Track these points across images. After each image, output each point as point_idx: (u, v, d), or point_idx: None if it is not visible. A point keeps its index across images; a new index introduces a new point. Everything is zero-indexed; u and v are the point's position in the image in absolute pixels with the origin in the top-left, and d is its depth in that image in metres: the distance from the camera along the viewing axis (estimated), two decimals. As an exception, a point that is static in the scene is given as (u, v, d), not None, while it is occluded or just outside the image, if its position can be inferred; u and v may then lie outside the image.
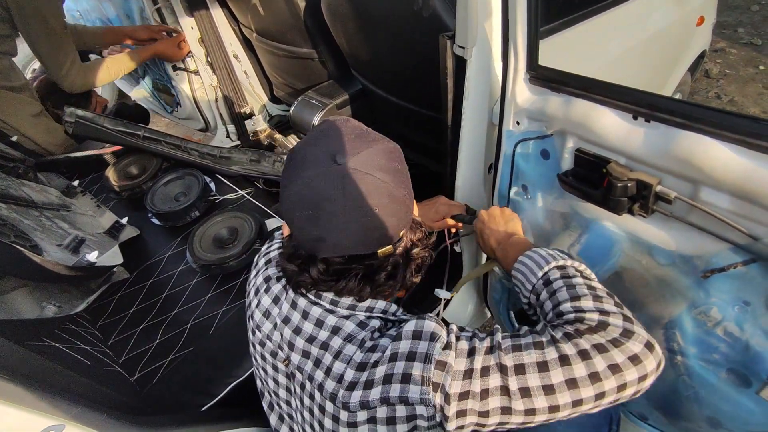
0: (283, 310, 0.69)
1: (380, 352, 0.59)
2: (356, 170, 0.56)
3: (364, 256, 0.60)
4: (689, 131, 0.61)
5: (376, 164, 0.58)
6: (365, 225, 0.57)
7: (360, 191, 0.56)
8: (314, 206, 0.57)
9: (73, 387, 0.74)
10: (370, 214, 0.57)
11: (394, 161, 0.61)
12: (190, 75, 2.12)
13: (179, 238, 1.40)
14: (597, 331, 0.55)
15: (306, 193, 0.57)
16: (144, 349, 1.16)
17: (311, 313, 0.66)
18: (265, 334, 0.72)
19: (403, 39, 1.23)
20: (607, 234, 0.80)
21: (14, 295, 0.95)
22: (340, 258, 0.60)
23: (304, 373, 0.66)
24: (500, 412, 0.54)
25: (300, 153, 0.60)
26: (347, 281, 0.61)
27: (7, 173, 1.31)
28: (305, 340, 0.65)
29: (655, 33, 1.49)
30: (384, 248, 0.60)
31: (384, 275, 0.63)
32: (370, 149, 0.59)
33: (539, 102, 0.80)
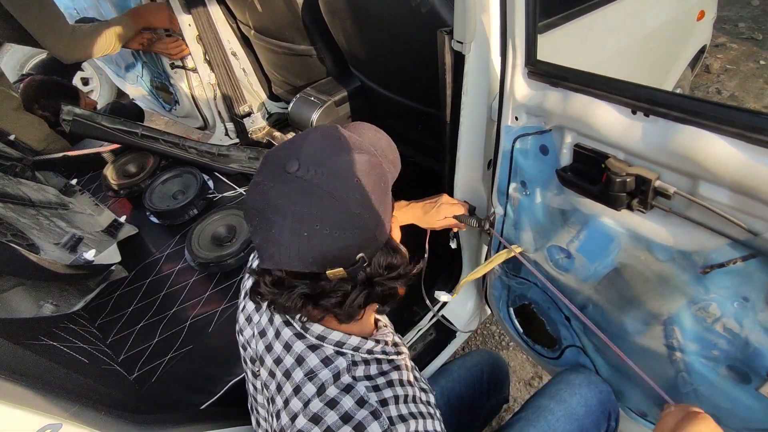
0: (262, 322, 0.69)
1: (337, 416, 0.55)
2: (306, 181, 0.51)
3: (307, 274, 0.54)
4: (688, 125, 0.60)
5: (339, 176, 0.53)
6: (302, 242, 0.52)
7: (304, 204, 0.51)
8: (258, 213, 0.53)
9: (70, 385, 0.74)
10: (310, 230, 0.51)
11: (369, 176, 0.55)
12: (188, 73, 2.11)
13: (177, 237, 1.40)
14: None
15: (253, 199, 0.54)
16: (143, 348, 1.16)
17: (282, 335, 0.64)
18: (246, 339, 0.72)
19: (402, 35, 1.22)
20: (606, 230, 0.80)
21: (11, 294, 0.95)
22: (280, 272, 0.55)
23: (269, 390, 0.65)
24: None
25: (265, 158, 0.57)
26: (293, 299, 0.56)
27: (5, 172, 1.31)
28: (273, 360, 0.64)
29: (655, 28, 1.48)
30: (334, 270, 0.54)
31: (335, 300, 0.57)
32: (336, 159, 0.54)
33: (538, 97, 0.80)
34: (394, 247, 0.60)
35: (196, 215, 1.44)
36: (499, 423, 1.21)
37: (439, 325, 1.37)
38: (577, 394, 0.89)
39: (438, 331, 1.38)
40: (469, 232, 1.22)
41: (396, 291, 0.61)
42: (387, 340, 0.70)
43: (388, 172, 0.61)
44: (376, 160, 0.58)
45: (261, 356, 0.66)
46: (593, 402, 0.89)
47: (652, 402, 0.93)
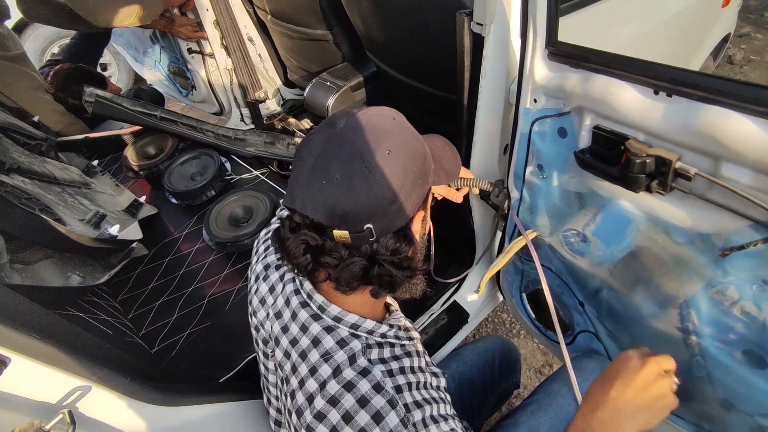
0: (278, 304, 0.69)
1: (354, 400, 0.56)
2: (343, 136, 0.55)
3: (315, 225, 0.56)
4: (713, 105, 0.60)
5: (375, 144, 0.55)
6: (318, 188, 0.54)
7: (332, 154, 0.54)
8: (298, 157, 0.57)
9: (98, 352, 0.77)
10: (328, 179, 0.53)
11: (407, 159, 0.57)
12: (205, 58, 2.13)
13: (195, 217, 1.43)
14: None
15: (300, 146, 0.58)
16: (162, 324, 1.20)
17: (299, 316, 0.65)
18: (260, 321, 0.73)
19: (419, 18, 1.21)
20: (623, 213, 0.80)
21: (40, 266, 0.99)
22: (299, 217, 0.57)
23: (284, 371, 0.65)
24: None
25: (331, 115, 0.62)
26: (293, 244, 0.58)
27: (31, 151, 1.35)
28: (289, 341, 0.65)
29: (678, 12, 1.45)
30: (339, 232, 0.55)
31: (330, 260, 0.58)
32: (382, 130, 0.56)
33: (557, 79, 0.79)
34: (409, 236, 0.60)
35: (213, 196, 1.47)
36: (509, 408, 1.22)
37: (451, 310, 1.39)
38: (589, 379, 0.88)
39: (450, 316, 1.39)
40: (484, 215, 1.23)
41: (395, 279, 0.61)
42: (399, 325, 0.71)
43: (431, 170, 0.63)
44: (423, 150, 0.60)
45: (276, 337, 0.67)
46: None
47: (664, 387, 0.94)
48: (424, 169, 0.61)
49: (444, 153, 0.72)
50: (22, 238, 1.00)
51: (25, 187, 1.12)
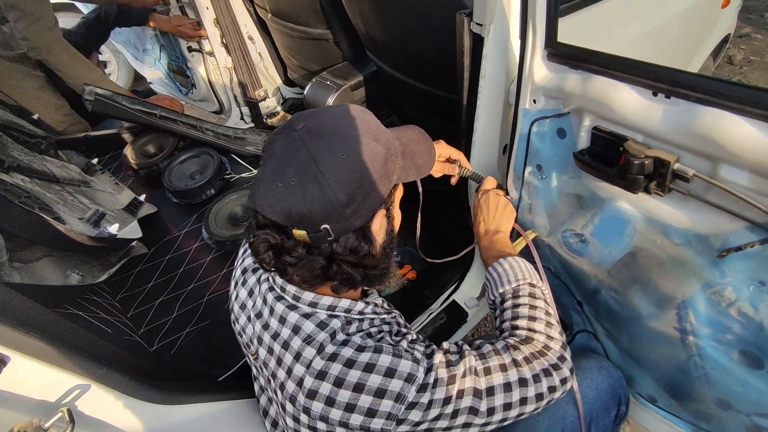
0: (257, 305, 0.70)
1: (342, 365, 0.59)
2: (299, 139, 0.56)
3: (277, 225, 0.58)
4: (711, 107, 0.60)
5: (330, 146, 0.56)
6: (275, 189, 0.56)
7: (288, 156, 0.56)
8: (263, 158, 0.59)
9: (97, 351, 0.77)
10: (283, 181, 0.56)
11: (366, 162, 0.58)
12: (205, 56, 2.13)
13: (195, 216, 1.44)
14: (543, 355, 0.68)
15: (264, 147, 0.60)
16: (162, 322, 1.20)
17: (276, 310, 0.66)
18: (241, 327, 0.74)
19: (419, 18, 1.22)
20: (622, 213, 0.80)
21: (40, 264, 0.99)
22: (261, 218, 0.59)
23: (269, 369, 0.67)
24: (461, 427, 0.62)
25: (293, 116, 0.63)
26: (257, 241, 0.60)
27: (30, 149, 1.35)
28: (271, 336, 0.66)
29: (677, 14, 1.45)
30: (298, 231, 0.57)
31: (290, 259, 0.60)
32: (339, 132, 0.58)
33: (557, 79, 0.80)
34: (368, 235, 0.62)
35: (213, 195, 1.47)
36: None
37: (449, 310, 1.39)
38: (587, 378, 0.89)
39: (449, 315, 1.39)
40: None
41: (354, 277, 0.63)
42: (377, 302, 0.72)
43: (396, 169, 0.64)
44: (384, 151, 0.60)
45: (259, 336, 0.68)
46: (604, 387, 0.88)
47: (663, 387, 0.94)
48: (386, 170, 0.61)
49: (418, 147, 0.72)
50: (22, 237, 1.00)
51: (24, 186, 1.12)
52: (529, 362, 0.67)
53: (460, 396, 0.61)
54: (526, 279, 0.77)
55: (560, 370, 0.68)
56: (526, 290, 0.77)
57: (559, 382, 0.67)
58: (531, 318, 0.73)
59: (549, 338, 0.71)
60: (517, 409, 0.64)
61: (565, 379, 0.68)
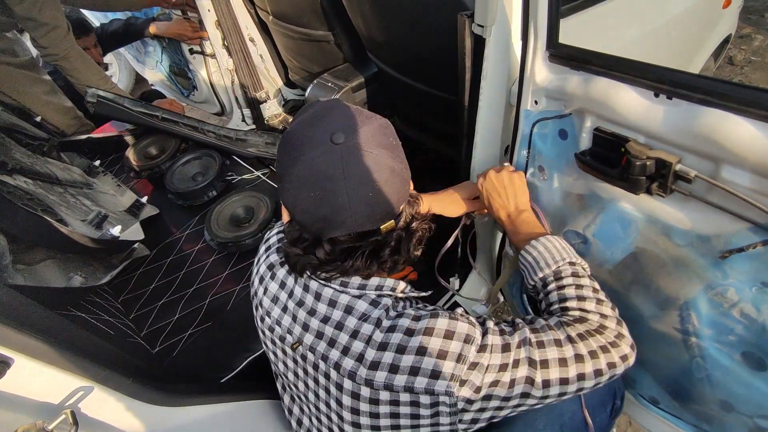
0: (296, 293, 0.70)
1: (402, 334, 0.61)
2: (355, 148, 0.58)
3: (369, 232, 0.61)
4: (713, 108, 0.60)
5: (374, 141, 0.59)
6: (370, 201, 0.58)
7: (362, 168, 0.58)
8: (319, 187, 0.57)
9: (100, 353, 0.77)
10: (373, 190, 0.58)
11: (389, 136, 0.62)
12: (206, 58, 2.14)
13: (197, 217, 1.44)
14: (600, 333, 0.66)
15: (309, 174, 0.57)
16: (164, 324, 1.20)
17: (323, 294, 0.67)
18: (275, 320, 0.73)
19: (421, 19, 1.22)
20: (624, 214, 0.80)
21: (42, 266, 0.99)
22: (346, 236, 0.61)
23: (317, 353, 0.67)
24: (519, 397, 0.62)
25: (297, 135, 0.60)
26: (354, 260, 0.62)
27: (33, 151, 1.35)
28: (320, 320, 0.67)
29: (678, 14, 1.45)
30: (386, 223, 0.61)
31: (389, 250, 0.64)
32: (365, 127, 0.60)
33: (558, 80, 0.80)
34: (416, 195, 0.68)
35: (215, 196, 1.47)
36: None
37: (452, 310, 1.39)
38: None
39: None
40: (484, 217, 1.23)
41: (427, 232, 0.69)
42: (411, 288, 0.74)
43: None
44: (385, 121, 0.64)
45: (304, 323, 0.69)
46: None
47: (665, 389, 0.94)
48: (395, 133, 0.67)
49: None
50: (25, 239, 1.00)
51: (27, 188, 1.12)
52: (584, 339, 0.65)
53: (516, 365, 0.61)
54: (565, 258, 0.74)
55: (618, 347, 0.66)
56: (567, 270, 0.73)
57: (619, 359, 0.65)
58: (580, 298, 0.70)
59: (603, 317, 0.68)
60: (575, 384, 0.62)
61: (625, 356, 0.66)
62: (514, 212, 0.86)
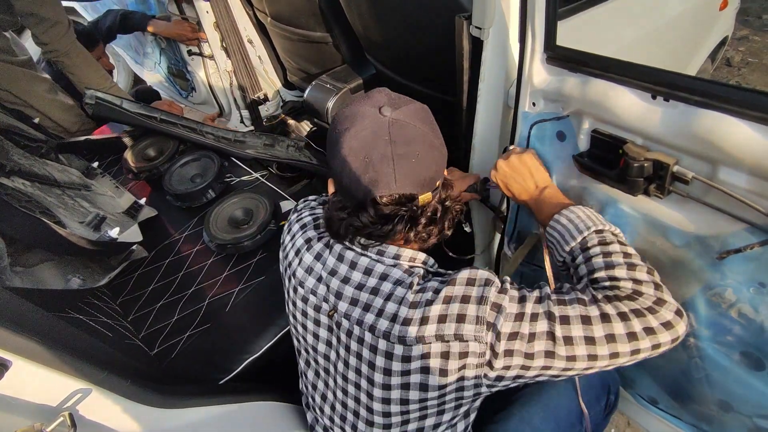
0: (329, 263, 0.74)
1: (431, 292, 0.65)
2: (400, 120, 0.64)
3: (409, 198, 0.65)
4: (709, 110, 0.60)
5: (417, 117, 0.65)
6: (413, 166, 0.63)
7: (407, 136, 0.63)
8: (366, 152, 0.63)
9: (98, 355, 0.77)
10: (415, 157, 0.63)
11: (429, 116, 0.69)
12: (204, 60, 2.14)
13: (196, 219, 1.43)
14: (633, 299, 0.61)
15: (357, 143, 0.63)
16: (163, 325, 1.20)
17: (359, 263, 0.71)
18: (309, 289, 0.76)
19: (419, 21, 1.22)
20: (622, 216, 0.80)
21: (41, 268, 0.99)
22: (389, 199, 0.64)
23: (352, 319, 0.70)
24: (544, 356, 0.60)
25: (346, 112, 0.66)
26: (394, 224, 0.65)
27: (31, 153, 1.35)
28: (354, 287, 0.70)
29: (675, 16, 1.46)
30: (424, 195, 0.65)
31: (425, 220, 0.67)
32: (408, 105, 0.66)
33: (556, 82, 0.80)
34: (449, 180, 0.73)
35: (213, 198, 1.47)
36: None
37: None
38: None
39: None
40: (483, 217, 1.23)
41: (459, 213, 0.73)
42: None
43: None
44: (425, 106, 0.69)
45: (337, 291, 0.71)
46: (594, 376, 0.90)
47: (664, 389, 0.94)
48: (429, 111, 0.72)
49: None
50: (23, 241, 1.00)
51: (25, 190, 1.12)
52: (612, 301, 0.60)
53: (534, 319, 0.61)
54: (590, 228, 0.70)
55: (657, 313, 0.59)
56: (594, 239, 0.69)
57: (660, 325, 0.59)
58: (609, 266, 0.65)
59: (637, 282, 0.62)
60: (605, 347, 0.58)
61: (668, 322, 0.59)
62: (535, 191, 0.83)
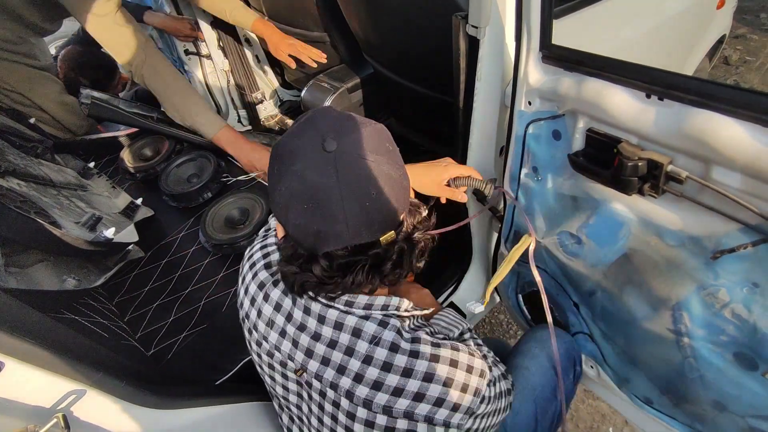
0: (296, 317, 0.66)
1: (426, 361, 0.60)
2: (348, 154, 0.54)
3: (368, 245, 0.57)
4: (703, 109, 0.60)
5: (368, 147, 0.55)
6: (366, 210, 0.54)
7: (356, 175, 0.54)
8: (310, 198, 0.54)
9: (93, 356, 0.77)
10: (369, 198, 0.54)
11: (385, 142, 0.59)
12: (202, 59, 2.13)
13: (192, 219, 1.43)
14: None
15: (299, 186, 0.54)
16: (159, 326, 1.20)
17: (327, 317, 0.64)
18: (273, 345, 0.69)
19: (416, 20, 1.22)
20: (617, 215, 0.80)
21: (36, 269, 0.99)
22: (344, 250, 0.57)
23: (324, 381, 0.64)
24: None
25: (286, 146, 0.56)
26: (354, 275, 0.58)
27: (26, 153, 1.35)
28: (326, 345, 0.63)
29: (673, 15, 1.45)
30: (386, 235, 0.57)
31: (390, 264, 0.60)
32: (359, 132, 0.56)
33: (552, 81, 0.80)
34: (417, 204, 0.64)
35: (210, 198, 1.47)
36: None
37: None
38: (546, 347, 0.96)
39: (446, 317, 1.39)
40: (480, 217, 1.23)
41: (430, 242, 0.66)
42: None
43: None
44: (380, 126, 0.60)
45: (307, 348, 0.65)
46: (561, 352, 0.95)
47: (658, 389, 0.94)
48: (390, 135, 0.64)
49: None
50: (17, 242, 1.00)
51: (20, 190, 1.12)
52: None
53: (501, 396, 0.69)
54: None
55: None
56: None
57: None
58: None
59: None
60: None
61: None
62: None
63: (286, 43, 1.55)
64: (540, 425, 0.91)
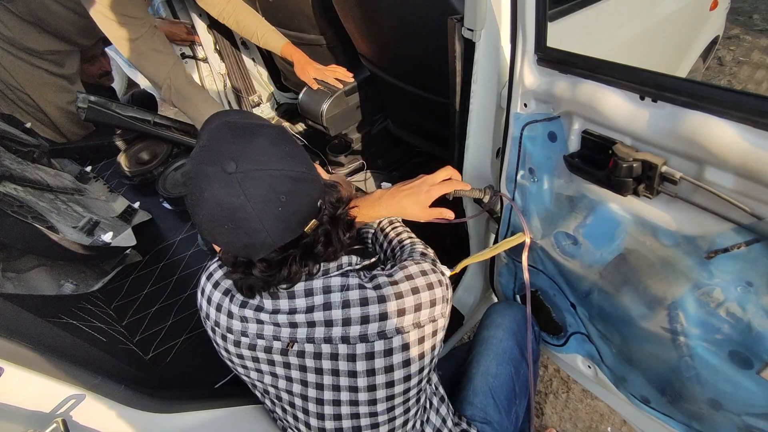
0: (267, 306, 0.69)
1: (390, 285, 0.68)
2: (249, 170, 0.58)
3: (295, 240, 0.63)
4: (696, 111, 0.61)
5: (266, 156, 0.59)
6: (281, 216, 0.59)
7: (261, 189, 0.58)
8: (228, 219, 0.58)
9: (92, 360, 0.77)
10: (280, 204, 0.59)
11: (283, 144, 0.62)
12: (198, 63, 2.13)
13: (189, 222, 1.43)
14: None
15: (214, 211, 0.59)
16: (157, 330, 1.20)
17: (296, 290, 0.69)
18: (254, 335, 0.71)
19: (412, 24, 1.23)
20: (612, 216, 0.81)
21: (33, 274, 0.99)
22: (275, 252, 0.62)
23: (317, 340, 0.68)
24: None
25: (193, 175, 0.60)
26: (290, 267, 0.64)
27: (23, 157, 1.34)
28: (305, 312, 0.68)
29: (666, 16, 1.47)
30: (309, 225, 0.63)
31: (321, 246, 0.66)
32: (254, 144, 0.60)
33: (547, 84, 0.81)
34: (331, 183, 0.70)
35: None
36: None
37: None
38: (506, 315, 1.08)
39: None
40: (478, 218, 1.24)
41: (354, 217, 0.73)
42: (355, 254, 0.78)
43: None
44: (275, 129, 0.64)
45: (290, 322, 0.69)
46: (519, 317, 1.07)
47: (655, 388, 0.95)
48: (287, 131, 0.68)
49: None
50: (15, 247, 1.00)
51: (17, 195, 1.11)
52: None
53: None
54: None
55: None
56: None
57: None
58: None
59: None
60: None
61: None
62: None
63: (313, 68, 1.61)
64: (517, 383, 1.03)
